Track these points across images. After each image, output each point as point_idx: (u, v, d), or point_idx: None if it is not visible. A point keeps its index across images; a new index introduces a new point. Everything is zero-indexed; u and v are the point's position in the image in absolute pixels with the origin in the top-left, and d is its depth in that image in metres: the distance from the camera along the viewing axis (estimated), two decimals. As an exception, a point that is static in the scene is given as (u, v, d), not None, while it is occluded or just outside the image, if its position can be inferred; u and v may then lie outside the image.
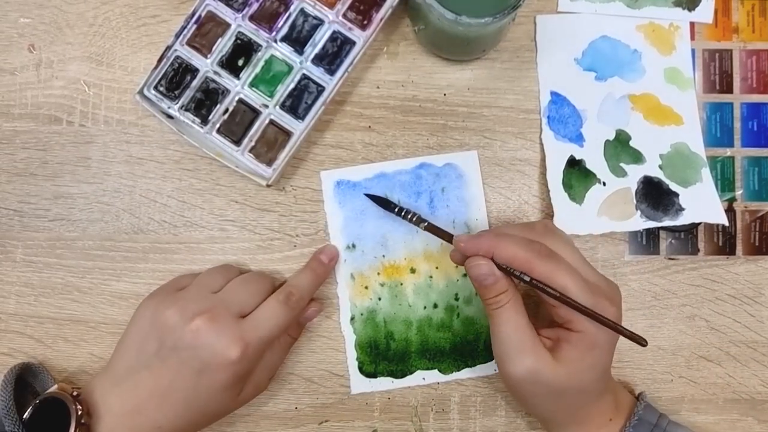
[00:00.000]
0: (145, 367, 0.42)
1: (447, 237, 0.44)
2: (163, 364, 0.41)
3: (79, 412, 0.41)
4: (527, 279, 0.40)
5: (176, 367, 0.41)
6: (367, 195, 0.48)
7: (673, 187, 0.49)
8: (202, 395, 0.42)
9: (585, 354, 0.40)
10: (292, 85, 0.48)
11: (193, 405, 0.42)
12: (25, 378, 0.45)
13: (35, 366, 0.46)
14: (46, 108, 0.50)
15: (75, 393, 0.42)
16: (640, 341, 0.40)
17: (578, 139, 0.50)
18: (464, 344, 0.49)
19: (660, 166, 0.49)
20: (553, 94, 0.50)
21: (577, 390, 0.41)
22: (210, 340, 0.41)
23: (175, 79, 0.48)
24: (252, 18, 0.48)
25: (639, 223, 0.49)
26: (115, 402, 0.42)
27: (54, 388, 0.43)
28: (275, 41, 0.48)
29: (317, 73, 0.48)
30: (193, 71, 0.48)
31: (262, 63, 0.48)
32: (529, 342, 0.40)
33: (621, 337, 0.41)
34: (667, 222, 0.49)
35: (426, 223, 0.45)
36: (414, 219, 0.45)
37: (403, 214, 0.46)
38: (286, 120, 0.48)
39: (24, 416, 0.41)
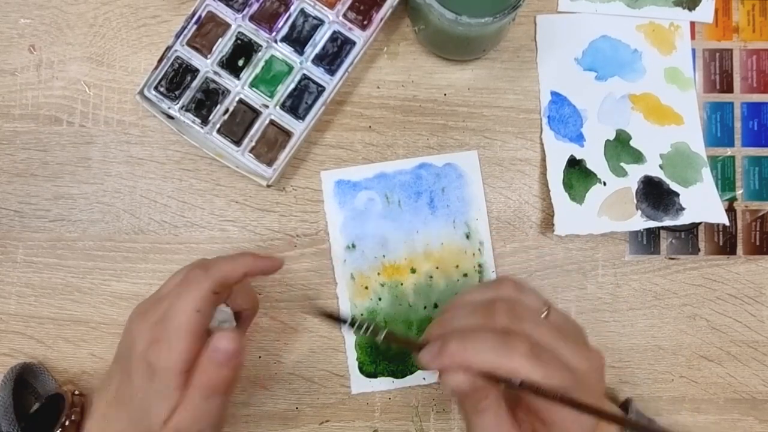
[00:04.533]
0: (116, 372, 0.40)
1: (414, 347, 0.36)
2: (122, 372, 0.39)
3: (74, 408, 0.41)
4: (516, 383, 0.33)
5: (129, 377, 0.38)
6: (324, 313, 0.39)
7: (674, 186, 0.49)
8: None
9: None
10: (293, 86, 0.48)
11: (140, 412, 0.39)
12: (26, 378, 0.45)
13: (35, 366, 0.46)
14: (46, 108, 0.50)
15: (77, 392, 0.42)
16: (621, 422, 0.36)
17: (578, 138, 0.50)
18: (465, 344, 0.49)
19: (660, 166, 0.49)
20: (554, 93, 0.50)
21: None
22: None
23: (176, 79, 0.48)
24: (252, 18, 0.48)
25: (639, 222, 0.49)
26: (96, 404, 0.41)
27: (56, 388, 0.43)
28: (275, 41, 0.48)
29: (317, 73, 0.48)
30: (194, 71, 0.48)
31: (262, 63, 0.48)
32: None
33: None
34: (668, 222, 0.49)
35: (386, 331, 0.37)
36: (371, 329, 0.37)
37: (357, 325, 0.37)
38: (287, 120, 0.48)
39: (30, 412, 0.41)
